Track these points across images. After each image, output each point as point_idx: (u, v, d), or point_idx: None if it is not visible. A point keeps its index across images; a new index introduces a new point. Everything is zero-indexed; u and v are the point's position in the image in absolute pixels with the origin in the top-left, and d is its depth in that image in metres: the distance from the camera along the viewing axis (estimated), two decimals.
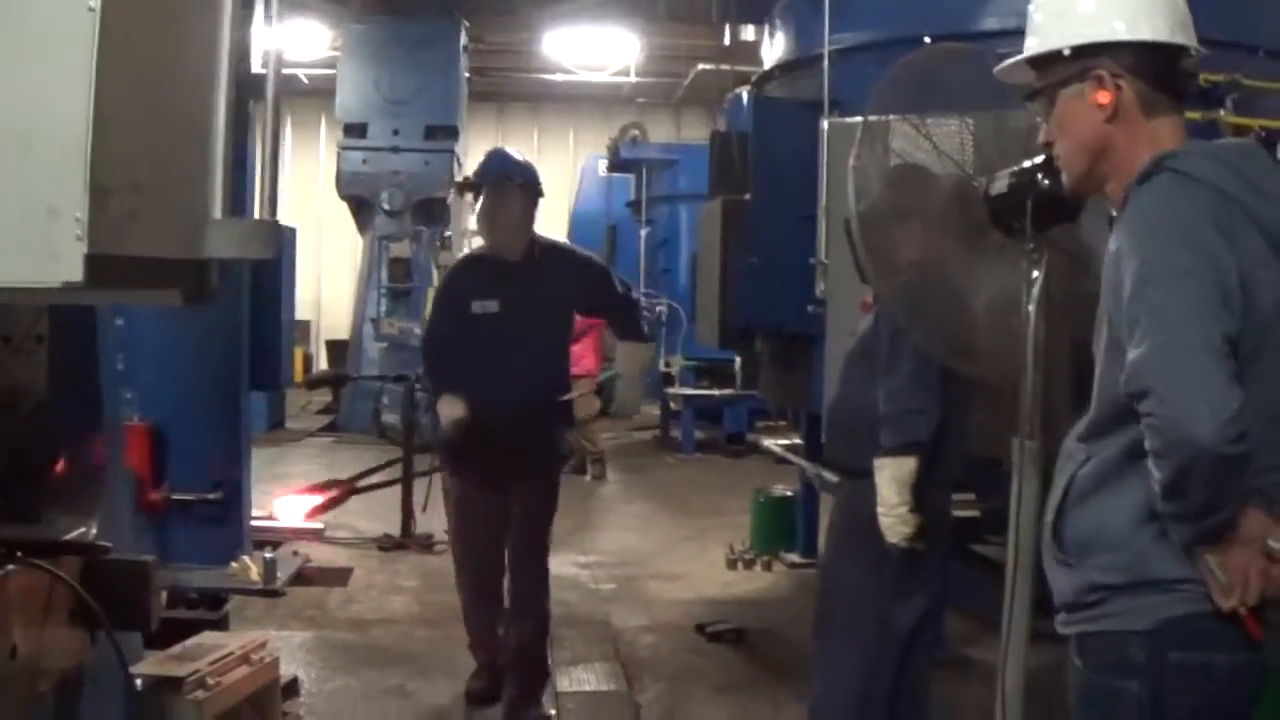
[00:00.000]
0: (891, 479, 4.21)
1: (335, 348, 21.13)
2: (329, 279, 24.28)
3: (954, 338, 3.60)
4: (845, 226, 4.48)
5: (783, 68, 7.75)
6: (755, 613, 7.60)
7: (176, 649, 4.44)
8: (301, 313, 21.23)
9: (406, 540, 9.28)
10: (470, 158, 22.59)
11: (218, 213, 2.03)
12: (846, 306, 5.53)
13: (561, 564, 8.84)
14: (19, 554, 3.31)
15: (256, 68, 7.13)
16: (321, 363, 22.94)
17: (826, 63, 6.63)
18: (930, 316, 3.64)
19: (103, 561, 3.74)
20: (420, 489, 8.63)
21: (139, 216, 1.68)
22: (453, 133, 16.83)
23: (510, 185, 5.47)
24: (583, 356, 14.08)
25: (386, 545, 9.26)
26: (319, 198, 23.19)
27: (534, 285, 5.48)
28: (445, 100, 16.62)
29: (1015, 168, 3.23)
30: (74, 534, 3.76)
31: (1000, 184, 3.26)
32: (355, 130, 16.63)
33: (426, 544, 9.12)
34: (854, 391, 4.51)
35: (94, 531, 3.93)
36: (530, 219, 5.51)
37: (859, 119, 3.96)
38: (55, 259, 1.59)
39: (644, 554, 9.54)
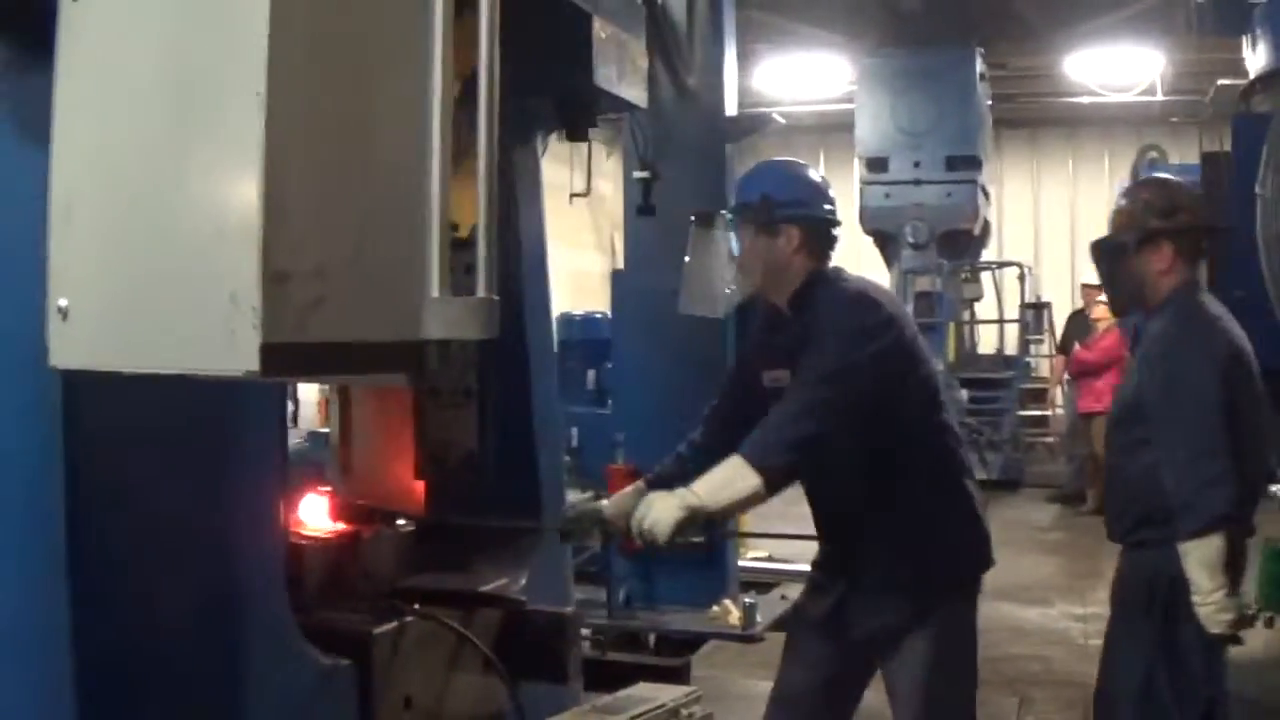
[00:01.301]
0: (1200, 564, 3.62)
1: None
2: None
3: None
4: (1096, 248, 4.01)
5: (1263, 79, 7.00)
6: (1245, 676, 6.70)
7: (605, 700, 4.46)
8: None
9: None
10: (1000, 186, 21.93)
11: (435, 289, 1.86)
12: None
13: (1055, 617, 8.28)
14: (416, 605, 3.44)
15: (731, 109, 7.29)
16: None
17: None
18: None
19: (523, 612, 3.83)
20: None
21: (326, 301, 1.63)
22: (974, 163, 16.39)
23: (738, 219, 3.96)
24: (1105, 393, 13.22)
25: None
26: (850, 231, 23.20)
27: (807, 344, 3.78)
28: (963, 130, 16.20)
29: None
30: (495, 585, 3.87)
31: None
32: (876, 164, 16.52)
33: None
34: (1121, 461, 3.97)
35: (521, 583, 4.03)
36: (763, 254, 3.84)
37: None
38: (234, 348, 1.58)
39: None
